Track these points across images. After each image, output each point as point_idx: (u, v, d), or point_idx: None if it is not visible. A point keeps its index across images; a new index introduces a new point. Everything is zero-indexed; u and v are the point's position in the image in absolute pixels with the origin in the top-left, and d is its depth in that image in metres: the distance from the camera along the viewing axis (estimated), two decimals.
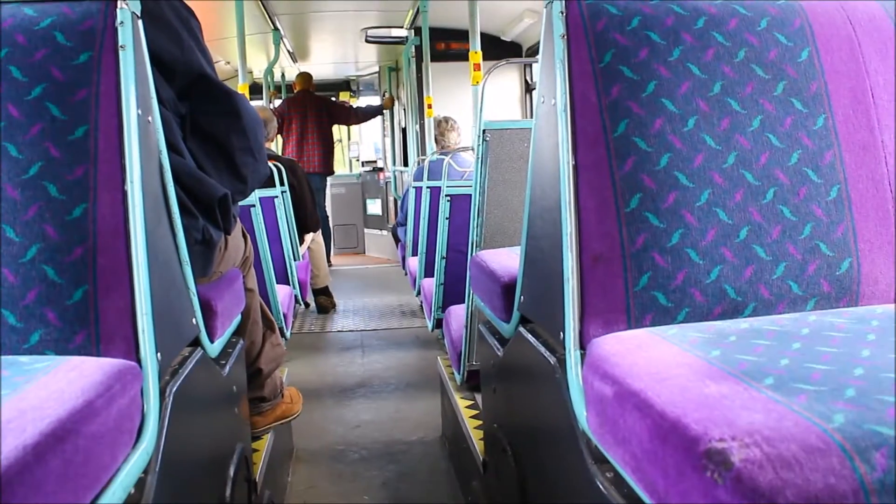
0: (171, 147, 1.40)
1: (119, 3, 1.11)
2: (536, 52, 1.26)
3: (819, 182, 1.17)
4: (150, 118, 1.19)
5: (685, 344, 0.95)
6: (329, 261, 7.91)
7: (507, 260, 1.69)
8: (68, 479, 0.77)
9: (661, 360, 0.89)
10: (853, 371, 0.82)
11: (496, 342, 1.66)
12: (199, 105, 1.57)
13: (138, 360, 1.05)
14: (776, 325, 1.02)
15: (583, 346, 1.08)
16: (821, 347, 0.91)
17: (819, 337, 0.96)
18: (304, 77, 7.72)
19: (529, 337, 1.37)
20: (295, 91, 7.76)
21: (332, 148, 7.78)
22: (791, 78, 1.19)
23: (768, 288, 1.13)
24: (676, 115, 1.14)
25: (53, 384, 0.88)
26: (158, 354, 1.08)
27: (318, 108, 7.58)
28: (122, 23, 1.11)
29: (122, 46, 1.10)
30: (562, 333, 1.11)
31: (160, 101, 1.28)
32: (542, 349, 1.28)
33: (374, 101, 10.14)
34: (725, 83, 1.17)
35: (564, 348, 1.10)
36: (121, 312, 1.06)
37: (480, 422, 2.25)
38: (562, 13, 1.16)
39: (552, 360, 1.22)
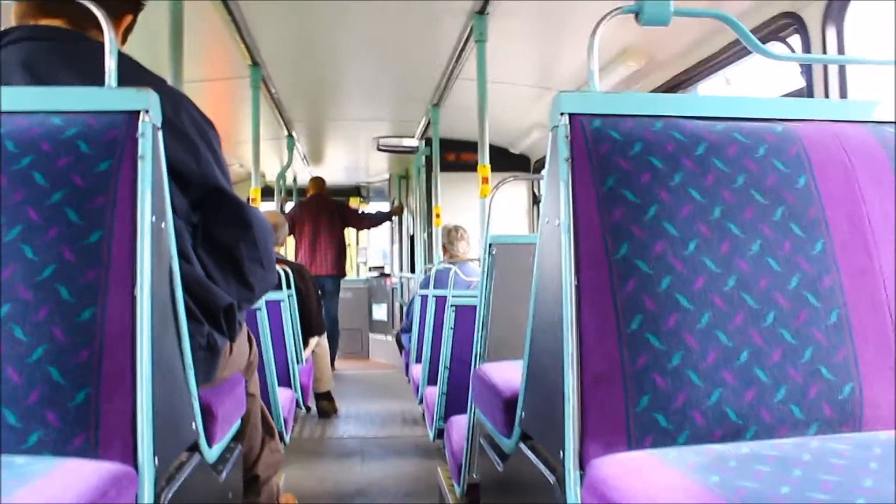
0: (181, 255, 1.42)
1: (141, 114, 1.16)
2: (544, 165, 1.29)
3: (819, 306, 1.18)
4: (163, 225, 1.22)
5: (684, 468, 0.94)
6: (333, 365, 7.88)
7: (509, 374, 1.69)
8: None
9: (659, 486, 0.89)
10: (855, 501, 0.81)
11: (497, 456, 1.65)
12: (211, 215, 1.60)
13: (135, 465, 1.05)
14: (777, 450, 1.01)
15: (582, 465, 1.07)
16: (822, 475, 0.90)
17: (821, 464, 0.95)
18: (317, 182, 7.85)
19: (529, 454, 1.36)
20: (308, 195, 7.88)
21: (345, 250, 7.85)
22: (789, 204, 1.22)
23: (769, 411, 1.13)
24: (677, 238, 1.16)
25: (49, 488, 0.88)
26: (156, 459, 1.08)
27: (330, 211, 7.68)
28: (142, 134, 1.15)
29: (141, 157, 1.14)
30: (561, 452, 1.11)
31: (173, 210, 1.31)
32: (542, 467, 1.27)
33: (384, 207, 10.34)
34: (725, 208, 1.19)
35: (564, 467, 1.09)
36: (121, 416, 1.06)
37: None
38: (567, 137, 1.20)
39: (552, 478, 1.21)
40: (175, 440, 1.26)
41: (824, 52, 2.42)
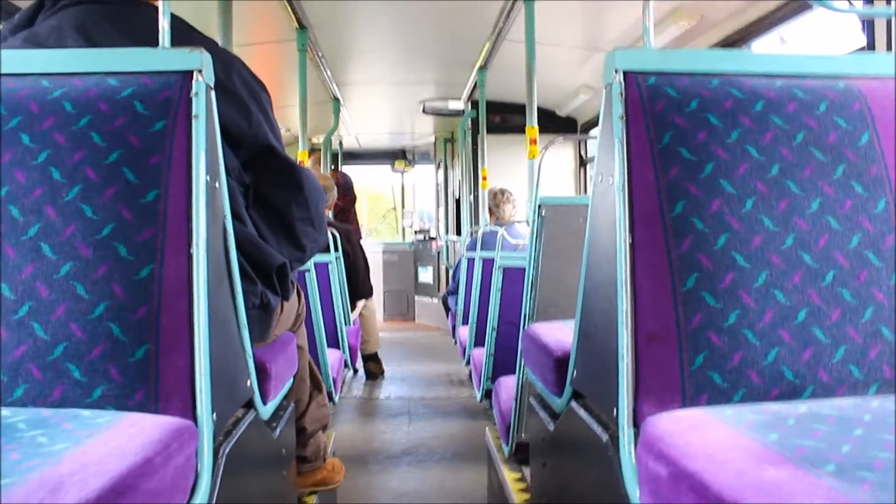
0: (234, 214, 1.44)
1: (195, 75, 1.17)
2: (591, 127, 1.28)
3: (880, 266, 1.15)
4: (217, 184, 1.23)
5: (742, 426, 0.93)
6: None
7: (560, 333, 1.69)
8: None
9: (717, 442, 0.88)
10: None
11: (547, 416, 1.65)
12: (263, 176, 1.62)
13: (194, 419, 1.07)
14: (836, 409, 1.00)
15: (636, 423, 1.07)
16: (884, 435, 0.89)
17: (882, 424, 0.93)
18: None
19: (581, 412, 1.36)
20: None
21: None
22: (851, 161, 1.19)
23: (828, 371, 1.11)
24: (734, 196, 1.14)
25: (114, 440, 0.90)
26: (214, 415, 1.10)
27: None
28: (196, 94, 1.16)
29: (195, 116, 1.15)
30: (615, 410, 1.10)
31: (226, 170, 1.32)
32: (595, 425, 1.27)
33: (430, 169, 10.44)
34: (783, 166, 1.17)
35: (617, 425, 1.09)
36: (180, 372, 1.08)
37: (528, 496, 2.22)
38: (621, 94, 1.18)
39: (604, 436, 1.21)
40: (231, 396, 1.28)
41: (888, 3, 2.33)
